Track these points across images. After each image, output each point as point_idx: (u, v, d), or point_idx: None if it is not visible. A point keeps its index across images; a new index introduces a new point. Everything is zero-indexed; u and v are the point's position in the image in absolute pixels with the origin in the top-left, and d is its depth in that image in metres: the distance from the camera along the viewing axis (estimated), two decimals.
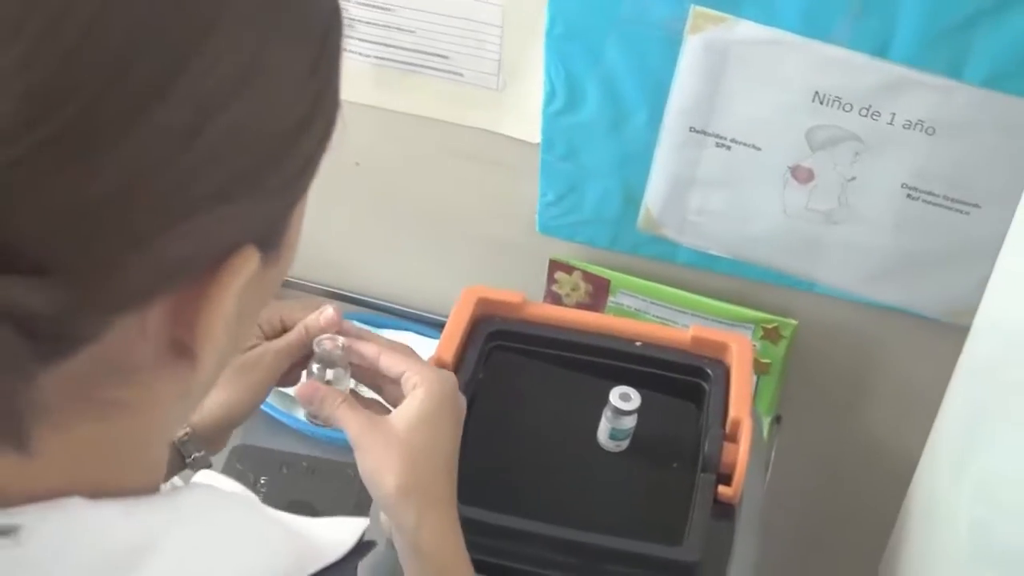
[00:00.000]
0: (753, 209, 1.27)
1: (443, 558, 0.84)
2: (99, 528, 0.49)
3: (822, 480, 1.50)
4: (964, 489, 1.00)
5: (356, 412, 0.87)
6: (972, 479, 0.99)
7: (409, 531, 0.83)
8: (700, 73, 1.19)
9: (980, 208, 1.19)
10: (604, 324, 1.13)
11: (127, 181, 0.42)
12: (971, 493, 0.98)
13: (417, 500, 0.83)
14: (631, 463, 1.05)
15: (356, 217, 1.50)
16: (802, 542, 1.58)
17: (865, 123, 1.17)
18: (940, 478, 1.11)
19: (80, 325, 0.43)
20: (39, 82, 0.38)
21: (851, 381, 1.40)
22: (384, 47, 1.32)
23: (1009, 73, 1.09)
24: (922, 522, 1.15)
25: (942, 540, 1.05)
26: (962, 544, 0.97)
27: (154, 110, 0.42)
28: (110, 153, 0.41)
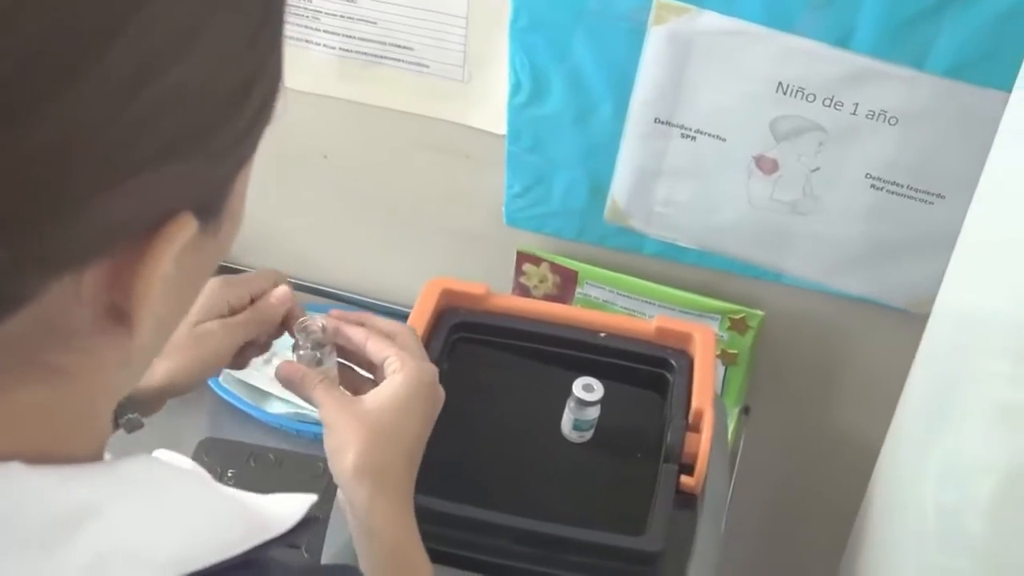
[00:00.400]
0: (719, 200, 1.27)
1: (393, 539, 0.84)
2: (38, 494, 0.49)
3: (790, 469, 1.50)
4: (929, 475, 1.01)
5: (330, 393, 0.88)
6: (937, 465, 0.99)
7: (361, 509, 0.83)
8: (664, 64, 1.19)
9: (944, 198, 1.19)
10: (568, 315, 1.13)
11: (64, 139, 0.42)
12: (937, 479, 0.98)
13: (371, 480, 0.83)
14: (595, 454, 1.05)
15: (323, 209, 1.49)
16: (769, 531, 1.58)
17: (829, 113, 1.17)
18: (903, 465, 1.12)
19: (15, 285, 0.43)
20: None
21: (818, 371, 1.40)
22: (348, 38, 1.31)
23: (971, 62, 1.09)
24: (887, 510, 1.16)
25: (909, 527, 1.05)
26: (930, 530, 0.97)
27: (91, 69, 0.42)
28: (47, 110, 0.41)
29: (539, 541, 0.96)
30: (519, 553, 0.96)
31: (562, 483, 1.03)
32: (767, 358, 1.40)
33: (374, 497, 0.83)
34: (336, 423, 0.86)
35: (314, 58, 1.34)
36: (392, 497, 0.84)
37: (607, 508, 1.01)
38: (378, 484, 0.84)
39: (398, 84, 1.33)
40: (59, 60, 0.41)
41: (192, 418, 1.43)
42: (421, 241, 1.47)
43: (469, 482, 1.01)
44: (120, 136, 0.44)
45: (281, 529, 0.59)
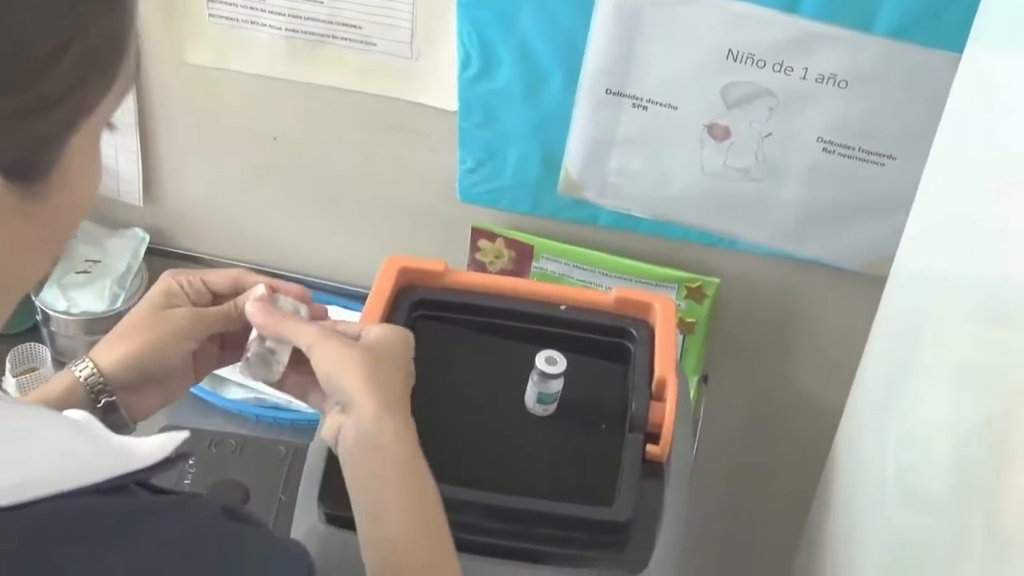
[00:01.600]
0: (672, 169, 1.27)
1: (403, 454, 0.84)
2: None
3: (751, 436, 1.51)
4: (890, 436, 1.01)
5: (307, 323, 0.89)
6: (897, 426, 1.00)
7: (370, 423, 0.82)
8: (613, 34, 1.18)
9: (895, 159, 1.19)
10: (528, 289, 1.12)
11: None
12: (897, 439, 0.99)
13: (381, 395, 0.83)
14: (560, 426, 1.05)
15: (276, 192, 1.47)
16: (732, 497, 1.59)
17: (778, 79, 1.17)
18: (865, 427, 1.12)
19: None
20: None
21: (776, 336, 1.41)
22: (294, 19, 1.29)
23: (918, 23, 1.09)
24: (849, 472, 1.16)
25: (870, 488, 1.06)
26: (890, 490, 0.98)
27: None
28: None
29: (508, 516, 0.95)
30: (488, 528, 0.96)
31: (528, 457, 1.03)
32: (724, 325, 1.40)
33: (385, 411, 0.83)
34: (326, 347, 0.86)
35: (261, 40, 1.32)
36: (397, 414, 0.84)
37: (575, 480, 1.00)
38: (386, 400, 0.84)
39: (346, 63, 1.31)
40: None
41: None
42: (375, 221, 1.46)
43: (435, 459, 1.00)
44: None
45: (146, 463, 0.60)
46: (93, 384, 0.87)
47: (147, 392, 0.90)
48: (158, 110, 1.43)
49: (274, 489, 1.23)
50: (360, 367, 0.84)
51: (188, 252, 1.54)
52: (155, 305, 0.91)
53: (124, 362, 0.88)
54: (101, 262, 1.49)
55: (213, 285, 0.94)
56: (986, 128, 0.91)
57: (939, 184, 1.01)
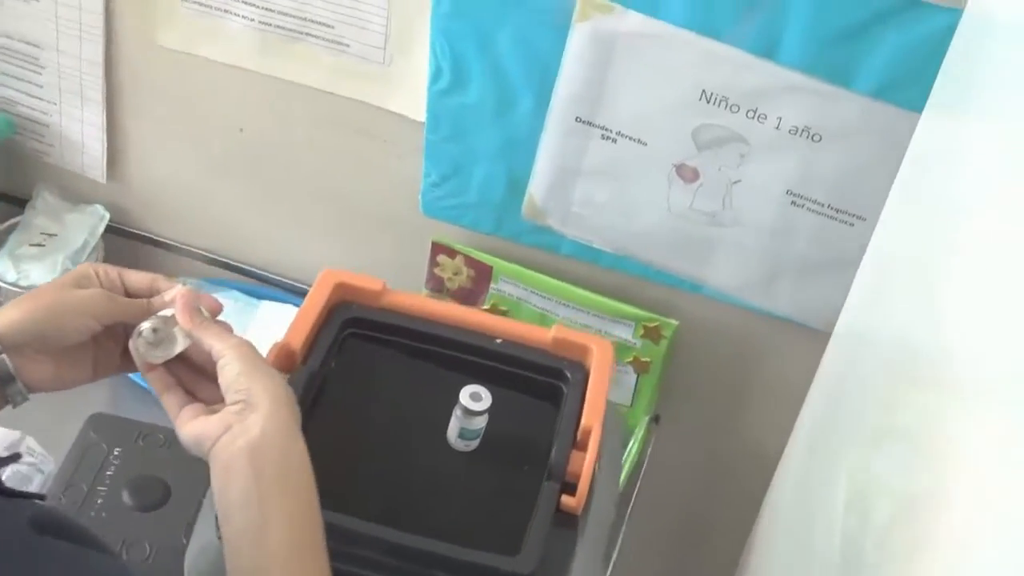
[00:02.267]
0: (637, 205, 1.24)
1: (298, 467, 0.83)
2: None
3: (697, 479, 1.48)
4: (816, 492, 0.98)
5: (229, 330, 0.90)
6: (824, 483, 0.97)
7: (278, 425, 0.82)
8: (587, 63, 1.15)
9: (865, 220, 1.16)
10: (466, 318, 1.09)
11: None
12: (822, 497, 0.96)
13: (292, 409, 0.84)
14: (480, 464, 1.01)
15: (239, 183, 1.45)
16: (670, 539, 1.56)
17: (752, 125, 1.13)
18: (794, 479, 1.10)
19: None
20: None
21: (731, 384, 1.38)
22: (268, 12, 1.26)
23: (898, 83, 1.06)
24: (781, 524, 1.14)
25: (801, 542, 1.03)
26: (819, 547, 0.95)
27: None
28: None
29: (408, 555, 0.92)
30: (387, 566, 0.92)
31: (442, 494, 0.99)
32: (680, 368, 1.37)
33: (292, 422, 0.84)
34: (252, 352, 0.87)
35: (233, 29, 1.29)
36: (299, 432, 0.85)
37: (485, 523, 0.97)
38: (294, 416, 0.84)
39: (317, 62, 1.28)
40: None
41: (88, 391, 1.38)
42: (335, 223, 1.43)
43: (342, 486, 0.97)
44: None
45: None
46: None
47: (38, 360, 0.88)
48: (128, 88, 1.41)
49: (196, 490, 1.20)
50: (276, 378, 0.85)
51: (147, 234, 1.52)
52: (64, 282, 0.89)
53: (18, 322, 0.86)
54: (57, 236, 1.46)
55: (129, 282, 0.92)
56: (935, 192, 0.89)
57: (885, 246, 1.00)
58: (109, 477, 1.19)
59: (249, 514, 0.79)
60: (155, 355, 0.89)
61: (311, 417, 1.00)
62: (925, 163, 0.97)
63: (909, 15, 1.01)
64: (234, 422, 0.81)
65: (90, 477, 1.19)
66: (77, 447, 1.22)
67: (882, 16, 1.02)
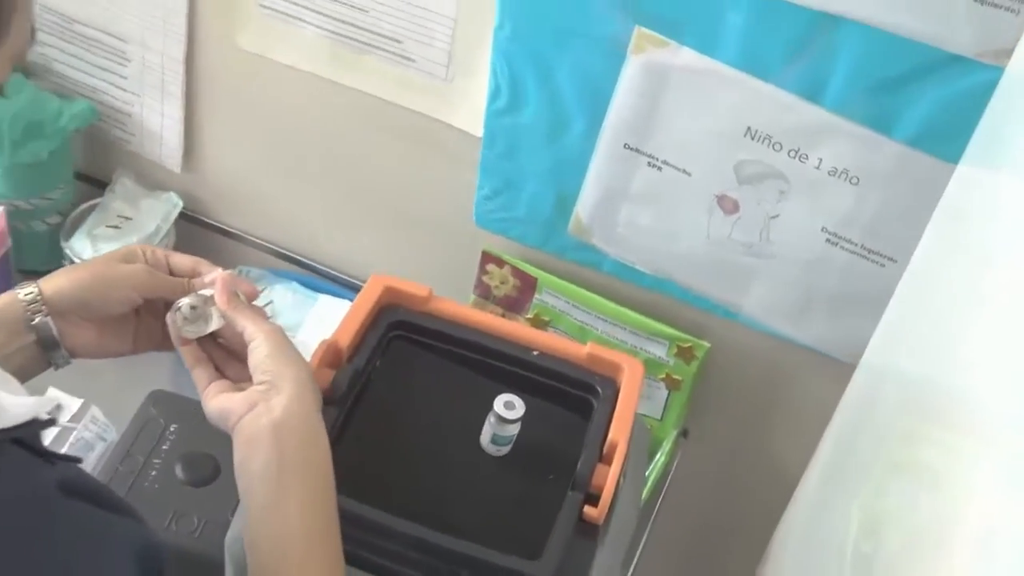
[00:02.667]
0: (678, 231, 1.23)
1: (321, 450, 0.84)
2: None
3: (719, 493, 1.47)
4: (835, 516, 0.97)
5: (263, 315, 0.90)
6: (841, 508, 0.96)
7: (304, 406, 0.83)
8: (639, 93, 1.15)
9: (896, 262, 1.14)
10: (505, 329, 1.08)
11: None
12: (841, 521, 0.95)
13: (317, 395, 0.85)
14: (509, 469, 1.01)
15: (305, 183, 1.46)
16: (690, 548, 1.55)
17: (792, 164, 1.12)
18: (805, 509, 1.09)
19: None
20: None
21: (756, 406, 1.37)
22: (339, 23, 1.27)
23: (935, 135, 1.04)
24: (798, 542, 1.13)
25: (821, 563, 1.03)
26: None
27: None
28: None
29: (433, 552, 0.92)
30: (412, 560, 0.92)
31: (471, 495, 0.99)
32: (709, 387, 1.36)
33: (313, 407, 0.84)
34: (283, 337, 0.87)
35: (306, 36, 1.30)
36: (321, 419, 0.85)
37: (509, 526, 0.97)
38: (317, 402, 0.85)
39: (384, 73, 1.29)
40: None
41: (151, 368, 1.40)
42: (392, 225, 1.44)
43: (379, 483, 0.98)
44: None
45: (14, 421, 0.59)
46: (30, 302, 0.87)
47: (82, 327, 0.90)
48: (206, 86, 1.42)
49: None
50: (302, 364, 0.85)
51: (216, 223, 1.53)
52: (112, 256, 0.92)
53: (65, 289, 0.88)
54: (132, 220, 1.48)
55: (174, 263, 0.94)
56: (965, 242, 0.89)
57: (914, 288, 1.00)
58: (164, 451, 1.21)
59: (269, 487, 0.80)
60: (190, 330, 0.90)
61: (353, 412, 1.01)
62: (958, 214, 0.95)
63: (952, 70, 0.99)
64: (259, 400, 0.82)
65: (147, 450, 1.20)
66: (137, 420, 1.23)
67: (925, 69, 1.00)
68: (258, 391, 0.83)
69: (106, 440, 1.32)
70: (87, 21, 1.41)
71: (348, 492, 0.92)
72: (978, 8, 0.95)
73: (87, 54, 1.44)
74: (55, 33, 1.43)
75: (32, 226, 1.46)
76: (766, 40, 1.05)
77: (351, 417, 1.01)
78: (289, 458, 0.80)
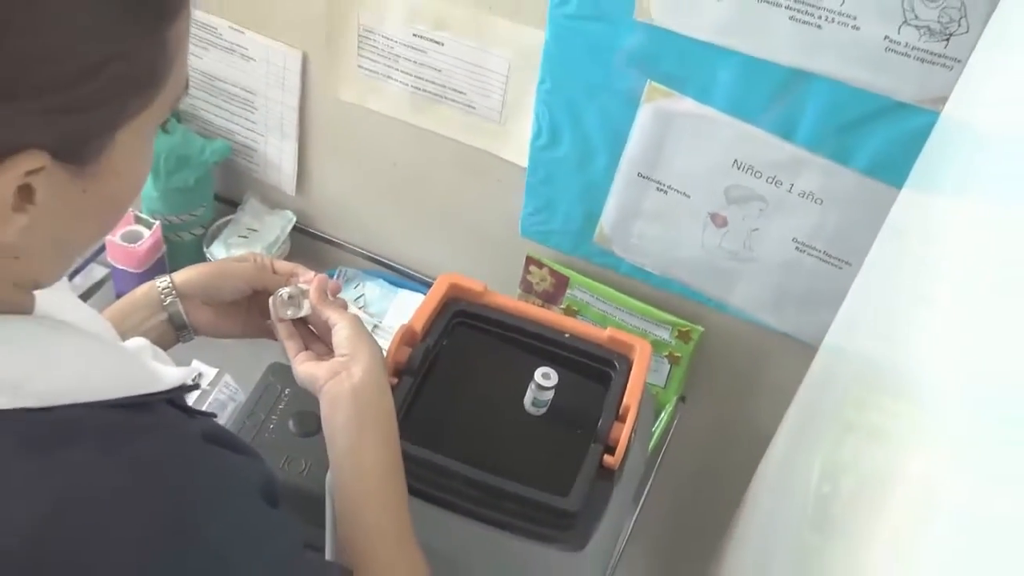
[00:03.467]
0: (679, 241, 1.21)
1: (386, 409, 0.82)
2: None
3: (709, 446, 1.45)
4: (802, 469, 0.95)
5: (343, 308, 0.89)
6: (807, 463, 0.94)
7: (375, 376, 0.81)
8: (650, 133, 1.13)
9: (851, 265, 1.12)
10: (543, 317, 1.07)
11: None
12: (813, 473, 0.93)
13: (383, 367, 0.83)
14: (545, 426, 1.00)
15: (391, 203, 1.45)
16: (686, 489, 1.53)
17: (770, 189, 1.10)
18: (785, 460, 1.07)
19: None
20: None
21: (740, 378, 1.34)
22: (419, 79, 1.26)
23: (885, 165, 1.02)
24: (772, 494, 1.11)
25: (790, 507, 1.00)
26: (808, 512, 0.92)
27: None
28: None
29: (483, 488, 0.91)
30: (469, 495, 0.92)
31: (515, 446, 0.98)
32: (703, 363, 1.34)
33: (382, 375, 0.82)
34: (359, 322, 0.85)
35: (393, 90, 1.29)
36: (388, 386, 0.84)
37: (545, 470, 0.96)
38: (383, 372, 0.83)
39: (451, 118, 1.28)
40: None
41: (271, 347, 1.40)
42: (457, 235, 1.42)
43: (446, 435, 0.97)
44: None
45: (169, 385, 0.59)
46: (164, 288, 0.88)
47: (203, 310, 0.90)
48: (316, 127, 1.42)
49: None
50: (374, 344, 0.84)
51: (321, 234, 1.53)
52: (229, 258, 0.93)
53: (192, 279, 0.89)
54: (258, 231, 1.48)
55: (277, 267, 0.93)
56: (905, 250, 0.87)
57: (865, 286, 0.97)
58: (280, 410, 1.21)
59: (350, 438, 0.79)
60: (285, 312, 0.89)
61: (424, 381, 1.00)
62: (901, 227, 0.93)
63: (898, 114, 0.97)
64: (341, 369, 0.81)
65: (266, 409, 1.20)
66: (259, 386, 1.24)
67: (877, 113, 0.98)
68: (340, 362, 0.82)
69: (236, 401, 1.32)
70: (225, 79, 1.41)
71: (419, 442, 0.92)
72: (919, 65, 0.93)
73: (225, 104, 1.44)
74: (201, 88, 1.44)
75: (181, 236, 1.47)
76: (750, 91, 1.03)
77: (423, 384, 1.00)
78: (364, 413, 0.80)
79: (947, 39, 0.91)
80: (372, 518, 0.77)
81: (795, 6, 0.95)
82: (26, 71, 0.45)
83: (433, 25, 1.20)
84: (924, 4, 0.90)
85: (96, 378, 0.55)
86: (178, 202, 1.44)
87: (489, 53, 1.18)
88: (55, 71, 0.46)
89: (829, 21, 0.95)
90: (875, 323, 0.89)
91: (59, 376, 0.53)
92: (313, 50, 1.32)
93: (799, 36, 0.96)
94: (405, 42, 1.23)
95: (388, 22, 1.23)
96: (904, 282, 0.82)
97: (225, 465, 0.61)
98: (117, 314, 0.86)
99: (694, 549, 1.52)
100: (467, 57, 1.20)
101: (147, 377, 0.59)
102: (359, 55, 1.28)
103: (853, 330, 0.99)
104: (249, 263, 0.92)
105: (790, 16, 0.96)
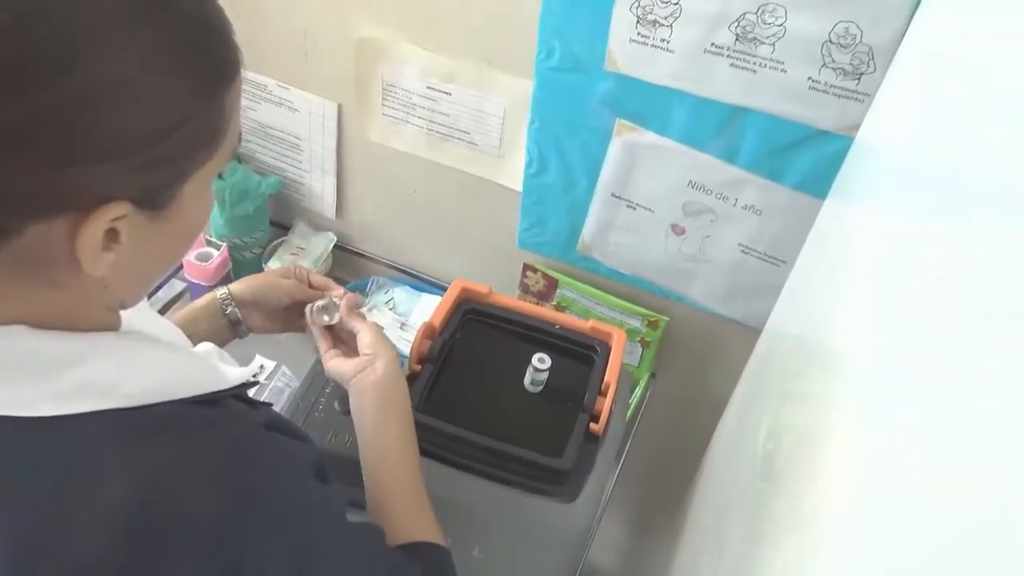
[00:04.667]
0: (647, 248, 1.21)
1: (403, 398, 0.82)
2: (38, 344, 0.50)
3: (677, 413, 1.44)
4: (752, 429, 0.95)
5: (366, 319, 0.88)
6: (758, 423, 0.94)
7: (394, 371, 0.81)
8: (620, 161, 1.13)
9: (786, 264, 1.12)
10: (537, 312, 1.08)
11: (29, 132, 0.42)
12: (761, 432, 0.93)
13: (399, 365, 0.83)
14: (542, 401, 1.01)
15: (412, 221, 1.45)
16: (659, 448, 1.53)
17: (719, 203, 1.10)
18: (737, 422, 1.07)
19: (4, 222, 0.45)
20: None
21: (700, 358, 1.34)
22: (432, 123, 1.26)
23: (811, 181, 1.02)
24: (729, 450, 1.11)
25: (743, 463, 1.00)
26: (756, 466, 0.92)
27: (50, 84, 0.42)
28: (17, 106, 0.41)
29: (491, 453, 0.92)
30: (478, 458, 0.93)
31: (517, 417, 0.99)
32: (670, 346, 1.34)
33: (398, 371, 0.81)
34: (378, 328, 0.85)
35: (411, 131, 1.29)
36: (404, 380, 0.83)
37: (542, 437, 0.96)
38: (399, 369, 0.82)
39: (459, 153, 1.28)
40: (22, 79, 0.41)
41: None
42: (466, 248, 1.42)
43: (459, 410, 0.98)
44: (72, 134, 0.43)
45: (233, 383, 0.59)
46: (223, 297, 0.88)
47: (253, 313, 0.90)
48: (351, 164, 1.42)
49: None
50: (392, 346, 0.84)
51: (357, 250, 1.53)
52: (276, 272, 0.92)
53: (246, 288, 0.89)
54: (305, 249, 1.48)
55: (312, 280, 0.93)
56: (827, 250, 0.86)
57: (797, 280, 0.97)
58: (327, 393, 1.19)
59: (375, 420, 0.79)
60: (320, 319, 0.89)
61: (442, 367, 1.01)
62: (824, 232, 0.93)
63: (821, 139, 0.97)
64: (366, 365, 0.82)
65: (316, 393, 1.19)
66: (309, 375, 1.22)
67: (804, 139, 0.98)
68: (365, 359, 0.83)
69: (291, 388, 1.32)
70: (275, 126, 1.42)
71: (439, 416, 0.92)
72: (836, 99, 0.93)
73: (275, 147, 1.45)
74: (256, 134, 1.44)
75: (244, 255, 1.47)
76: (700, 125, 1.03)
77: (441, 370, 1.01)
78: (386, 400, 0.80)
79: (859, 78, 0.91)
80: (393, 478, 0.78)
81: (734, 55, 0.96)
82: (117, 139, 0.45)
83: (443, 79, 1.20)
84: (839, 50, 0.90)
85: (174, 380, 0.55)
86: (240, 227, 1.44)
87: (488, 100, 1.19)
88: (138, 138, 0.46)
89: (763, 67, 0.95)
90: (806, 310, 0.89)
91: (144, 380, 0.53)
92: (346, 102, 1.32)
93: (739, 80, 0.97)
94: (420, 93, 1.23)
95: (406, 77, 1.23)
96: (827, 276, 0.82)
97: (283, 448, 0.62)
98: (187, 319, 0.87)
99: (666, 498, 1.53)
100: (471, 104, 1.21)
101: (215, 377, 0.59)
102: (383, 104, 1.28)
103: (789, 316, 0.99)
104: (291, 280, 0.91)
105: (731, 64, 0.96)
